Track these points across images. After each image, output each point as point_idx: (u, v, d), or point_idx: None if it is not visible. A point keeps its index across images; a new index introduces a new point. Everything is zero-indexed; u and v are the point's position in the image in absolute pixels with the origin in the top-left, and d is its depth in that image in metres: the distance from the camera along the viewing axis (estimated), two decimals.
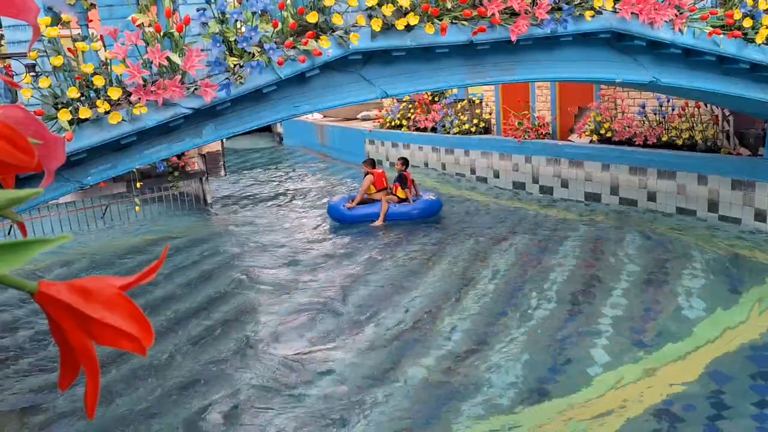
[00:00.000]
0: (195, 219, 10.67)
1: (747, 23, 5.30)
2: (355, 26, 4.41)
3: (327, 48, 4.27)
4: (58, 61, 4.00)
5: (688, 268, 6.77)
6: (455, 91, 13.21)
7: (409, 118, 14.34)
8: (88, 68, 4.02)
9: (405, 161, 10.12)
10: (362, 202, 9.82)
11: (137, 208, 8.66)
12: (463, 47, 4.79)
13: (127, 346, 0.62)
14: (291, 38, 4.23)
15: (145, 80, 3.97)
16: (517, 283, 6.74)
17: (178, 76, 3.97)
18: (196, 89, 4.03)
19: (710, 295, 6.02)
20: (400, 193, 9.88)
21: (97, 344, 0.62)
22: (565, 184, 10.34)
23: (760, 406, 4.20)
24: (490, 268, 7.23)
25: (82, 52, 4.16)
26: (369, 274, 7.38)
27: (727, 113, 8.54)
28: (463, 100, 13.18)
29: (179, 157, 9.86)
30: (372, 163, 10.18)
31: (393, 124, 14.84)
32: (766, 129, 7.76)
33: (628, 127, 9.50)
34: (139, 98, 3.97)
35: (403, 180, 9.92)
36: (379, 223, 9.51)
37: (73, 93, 3.99)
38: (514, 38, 4.65)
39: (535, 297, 6.24)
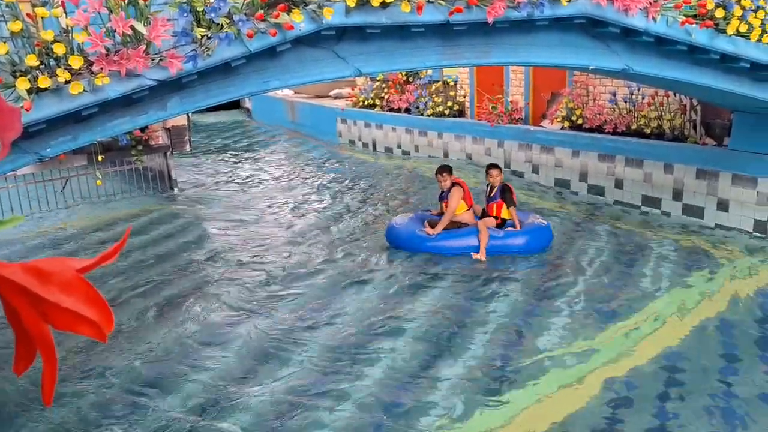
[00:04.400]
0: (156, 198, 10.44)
1: (719, 13, 5.34)
2: (329, 1, 4.30)
3: (299, 22, 4.15)
4: (16, 26, 3.81)
5: (648, 254, 6.91)
6: (430, 72, 13.13)
7: (383, 97, 14.23)
8: (48, 35, 3.84)
9: (498, 166, 7.35)
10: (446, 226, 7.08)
11: (98, 182, 8.41)
12: (439, 27, 4.72)
13: (86, 331, 0.59)
14: (262, 10, 4.09)
15: (107, 49, 3.81)
16: None
17: (143, 47, 3.82)
18: (161, 60, 3.88)
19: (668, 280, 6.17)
20: (505, 214, 7.17)
21: (54, 329, 0.60)
22: (536, 170, 10.40)
23: (723, 383, 4.40)
24: None
25: (42, 18, 3.96)
26: None
27: (695, 103, 8.66)
28: (438, 81, 13.12)
29: (143, 130, 9.60)
30: (451, 170, 7.27)
31: (366, 103, 14.71)
32: (731, 120, 7.90)
33: (599, 114, 9.58)
34: (102, 68, 3.81)
35: (508, 194, 7.16)
36: (482, 256, 6.80)
37: (32, 61, 3.81)
38: (490, 20, 4.59)
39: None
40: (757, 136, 7.39)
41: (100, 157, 8.83)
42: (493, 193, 7.20)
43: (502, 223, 7.15)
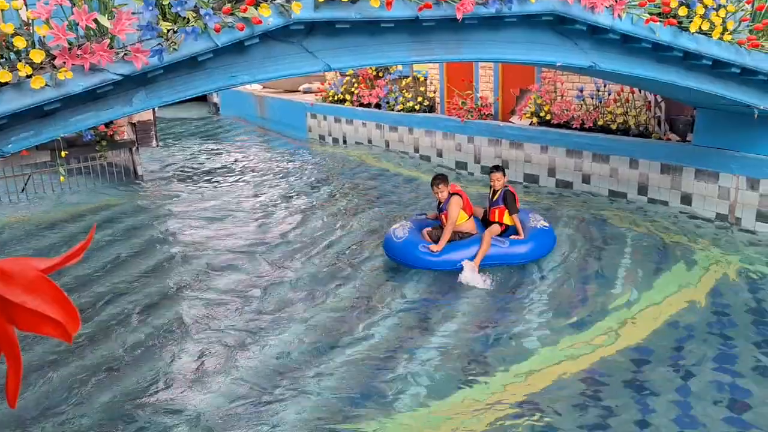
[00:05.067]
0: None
1: (682, 12, 5.45)
2: None
3: (267, 16, 4.11)
4: None
5: (617, 248, 7.04)
6: (400, 67, 13.14)
7: (353, 92, 14.18)
8: (8, 28, 3.72)
9: (502, 169, 7.04)
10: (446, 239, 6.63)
11: (62, 178, 8.23)
12: (409, 23, 4.73)
13: (52, 332, 0.58)
14: (229, 4, 4.04)
15: (70, 43, 3.72)
16: None
17: (107, 40, 3.74)
18: (125, 54, 3.80)
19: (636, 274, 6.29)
20: (508, 220, 6.85)
21: (19, 330, 0.58)
22: (505, 165, 10.49)
23: (678, 372, 4.53)
24: None
25: (2, 10, 3.84)
26: None
27: (659, 99, 8.84)
28: (408, 76, 13.13)
29: (107, 125, 9.42)
30: (447, 179, 6.84)
31: (336, 98, 14.65)
32: (694, 116, 8.09)
33: (567, 110, 9.71)
34: (64, 62, 3.71)
35: (511, 200, 6.83)
36: (474, 264, 6.42)
37: None
38: (459, 16, 4.61)
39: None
40: (718, 132, 7.58)
41: (63, 153, 8.63)
42: (495, 198, 6.90)
43: (506, 229, 6.87)
